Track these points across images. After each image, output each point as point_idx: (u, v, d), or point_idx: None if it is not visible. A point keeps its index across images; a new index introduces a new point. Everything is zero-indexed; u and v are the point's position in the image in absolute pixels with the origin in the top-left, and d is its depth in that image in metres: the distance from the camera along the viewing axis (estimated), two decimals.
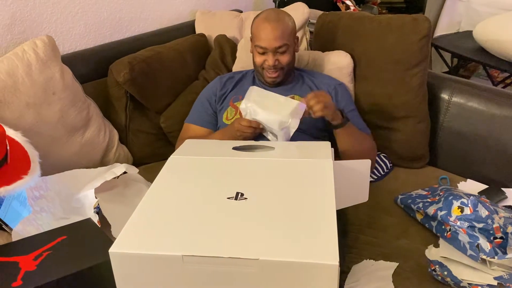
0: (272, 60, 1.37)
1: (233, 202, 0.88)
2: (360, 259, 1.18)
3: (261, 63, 1.40)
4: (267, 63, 1.38)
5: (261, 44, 1.36)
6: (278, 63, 1.38)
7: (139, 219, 0.84)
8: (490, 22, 2.33)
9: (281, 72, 1.41)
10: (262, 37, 1.36)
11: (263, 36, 1.35)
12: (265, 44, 1.36)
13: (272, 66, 1.38)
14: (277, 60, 1.38)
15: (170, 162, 1.06)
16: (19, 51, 1.29)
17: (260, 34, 1.36)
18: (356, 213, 1.33)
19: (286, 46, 1.37)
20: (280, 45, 1.35)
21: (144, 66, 1.55)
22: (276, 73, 1.40)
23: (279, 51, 1.37)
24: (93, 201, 1.15)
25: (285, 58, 1.39)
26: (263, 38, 1.35)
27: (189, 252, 0.75)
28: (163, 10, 1.88)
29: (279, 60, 1.38)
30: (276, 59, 1.37)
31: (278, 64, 1.38)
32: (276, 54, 1.37)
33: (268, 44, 1.35)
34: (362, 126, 1.45)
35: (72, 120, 1.40)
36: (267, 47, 1.36)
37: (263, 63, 1.40)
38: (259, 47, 1.37)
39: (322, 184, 0.93)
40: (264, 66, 1.40)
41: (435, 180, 1.50)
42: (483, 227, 1.08)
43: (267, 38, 1.35)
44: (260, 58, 1.40)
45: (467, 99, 1.52)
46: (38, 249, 0.93)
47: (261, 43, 1.36)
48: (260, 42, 1.36)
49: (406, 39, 1.48)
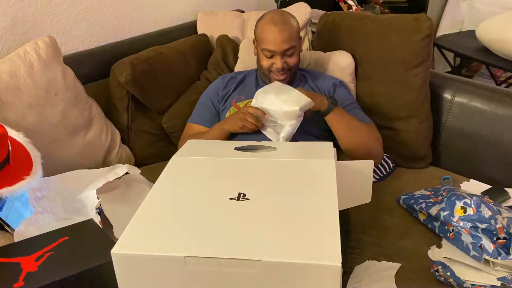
0: (281, 63, 1.36)
1: (235, 202, 0.88)
2: (362, 259, 1.18)
3: (268, 66, 1.39)
4: (276, 66, 1.37)
5: (269, 47, 1.35)
6: (286, 65, 1.38)
7: (141, 220, 0.84)
8: (493, 21, 2.32)
9: (288, 73, 1.41)
10: (269, 40, 1.34)
11: (271, 39, 1.34)
12: (273, 47, 1.34)
13: (281, 68, 1.37)
14: (285, 62, 1.37)
15: (172, 162, 1.06)
16: (21, 52, 1.29)
17: (267, 37, 1.35)
18: (359, 214, 1.33)
19: (294, 48, 1.37)
20: (288, 47, 1.35)
21: (146, 67, 1.55)
22: (284, 75, 1.40)
23: (287, 53, 1.36)
24: (95, 202, 1.15)
25: (293, 60, 1.38)
26: (271, 41, 1.34)
27: (191, 253, 0.74)
28: (165, 10, 1.88)
29: (287, 62, 1.38)
30: (285, 62, 1.37)
31: (286, 66, 1.38)
32: (284, 57, 1.36)
33: (277, 47, 1.34)
34: (363, 118, 1.43)
35: (74, 121, 1.40)
36: (276, 50, 1.34)
37: (271, 66, 1.38)
38: (267, 51, 1.36)
39: (325, 185, 0.93)
40: (272, 69, 1.39)
41: (437, 180, 1.50)
42: (486, 227, 1.08)
43: (275, 41, 1.34)
44: (267, 62, 1.38)
45: (470, 99, 1.52)
46: (40, 250, 0.93)
47: (269, 46, 1.35)
48: (268, 45, 1.35)
49: (408, 39, 1.48)
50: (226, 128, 1.35)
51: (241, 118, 1.29)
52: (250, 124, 1.28)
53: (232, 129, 1.33)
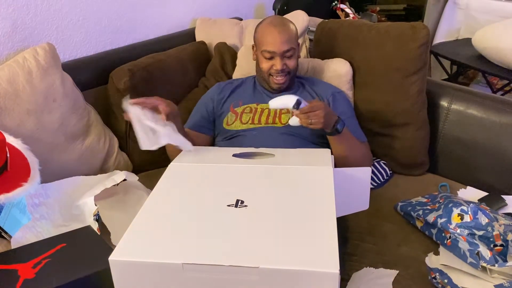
0: (280, 64, 1.37)
1: (233, 209, 0.88)
2: (360, 266, 1.17)
3: (268, 69, 1.40)
4: (275, 68, 1.38)
5: (269, 48, 1.36)
6: (286, 67, 1.39)
7: (139, 226, 0.84)
8: (489, 29, 2.34)
9: (287, 77, 1.42)
10: (269, 41, 1.36)
11: (271, 40, 1.36)
12: (274, 48, 1.36)
13: (280, 70, 1.38)
14: (285, 64, 1.38)
15: (170, 169, 1.06)
16: (20, 59, 1.29)
17: (267, 38, 1.36)
18: (357, 220, 1.33)
19: (293, 50, 1.38)
20: (288, 48, 1.36)
21: (145, 74, 1.55)
22: (284, 78, 1.41)
23: (287, 55, 1.37)
24: (93, 209, 1.15)
25: (292, 62, 1.40)
26: (271, 42, 1.36)
27: (189, 260, 0.74)
28: (163, 17, 1.89)
29: (287, 64, 1.39)
30: (284, 63, 1.38)
31: (286, 68, 1.39)
32: (283, 59, 1.38)
33: (277, 48, 1.35)
34: (358, 134, 1.45)
35: (73, 127, 1.40)
36: (276, 51, 1.36)
37: (270, 69, 1.39)
38: (267, 52, 1.37)
39: (322, 192, 0.93)
40: (272, 71, 1.40)
41: (435, 187, 1.50)
42: (483, 234, 1.08)
43: (274, 42, 1.35)
44: (267, 64, 1.39)
45: (466, 107, 1.53)
46: (37, 256, 0.92)
47: (269, 48, 1.36)
48: (268, 46, 1.36)
49: (404, 47, 1.49)
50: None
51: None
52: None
53: None
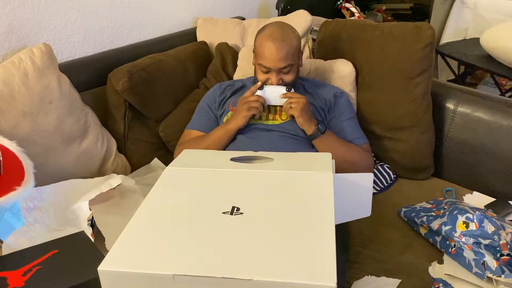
0: (276, 80, 1.34)
1: (228, 217, 0.85)
2: (361, 274, 1.14)
3: (263, 81, 1.37)
4: (270, 82, 1.35)
5: (264, 63, 1.33)
6: (282, 82, 1.36)
7: (130, 235, 0.81)
8: (498, 29, 2.29)
9: None
10: (266, 56, 1.32)
11: (267, 55, 1.32)
12: (269, 64, 1.32)
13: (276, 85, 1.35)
14: (281, 79, 1.35)
15: (166, 174, 1.03)
16: (15, 60, 1.27)
17: (264, 53, 1.32)
18: (358, 226, 1.29)
19: (290, 66, 1.34)
20: (284, 65, 1.33)
21: (144, 75, 1.52)
22: None
23: (284, 71, 1.34)
24: (87, 213, 1.12)
25: (289, 77, 1.36)
26: (267, 57, 1.32)
27: (180, 272, 0.72)
28: (164, 17, 1.86)
29: (283, 79, 1.35)
30: (280, 78, 1.35)
31: (282, 83, 1.36)
32: (280, 74, 1.34)
33: (273, 65, 1.32)
34: (358, 135, 1.42)
35: (69, 129, 1.37)
36: (271, 68, 1.33)
37: (266, 81, 1.37)
38: (263, 66, 1.34)
39: (321, 199, 0.90)
40: (267, 84, 1.37)
41: (440, 192, 1.46)
42: (489, 243, 1.04)
43: (271, 59, 1.31)
44: (263, 76, 1.36)
45: (473, 109, 1.48)
46: (28, 264, 0.90)
47: (265, 63, 1.33)
48: (264, 61, 1.33)
49: (409, 48, 1.45)
50: (231, 128, 1.34)
51: (245, 104, 1.32)
52: (255, 104, 1.31)
53: (239, 124, 1.34)
